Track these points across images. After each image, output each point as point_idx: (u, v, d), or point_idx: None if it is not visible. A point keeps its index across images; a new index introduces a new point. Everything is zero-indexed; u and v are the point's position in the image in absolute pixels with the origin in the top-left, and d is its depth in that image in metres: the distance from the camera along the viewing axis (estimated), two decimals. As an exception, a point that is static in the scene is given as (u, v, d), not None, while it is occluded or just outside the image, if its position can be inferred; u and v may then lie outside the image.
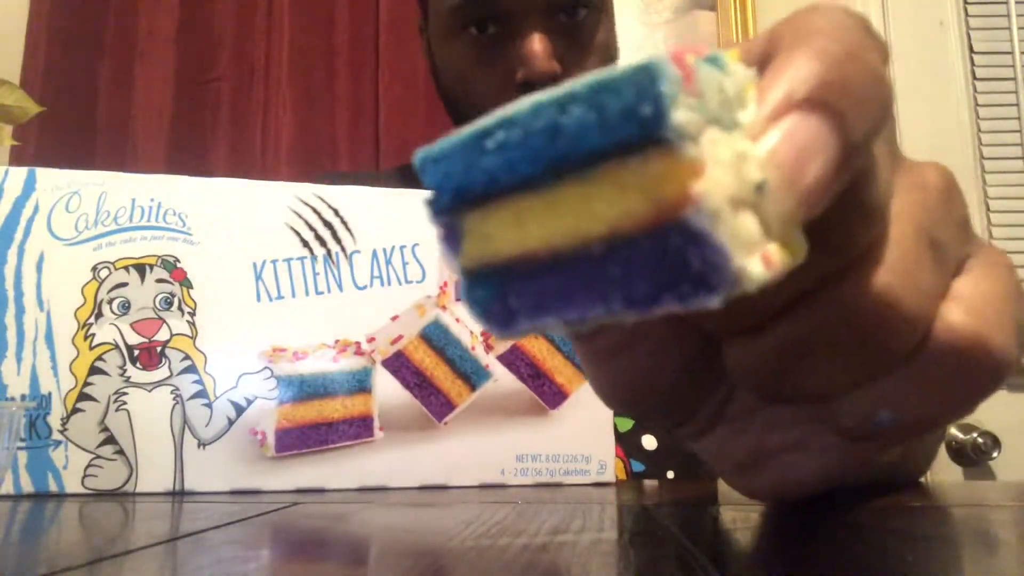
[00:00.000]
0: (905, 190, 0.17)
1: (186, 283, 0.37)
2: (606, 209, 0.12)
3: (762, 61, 0.15)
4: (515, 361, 0.39)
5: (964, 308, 0.16)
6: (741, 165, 0.12)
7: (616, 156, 0.12)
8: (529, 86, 0.58)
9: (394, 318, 0.38)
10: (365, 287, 0.38)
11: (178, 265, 0.37)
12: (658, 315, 0.12)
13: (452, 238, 0.14)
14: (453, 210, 0.14)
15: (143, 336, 0.36)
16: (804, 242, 0.13)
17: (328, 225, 0.38)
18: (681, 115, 0.12)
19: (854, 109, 0.14)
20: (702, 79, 0.12)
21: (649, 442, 0.57)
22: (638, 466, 0.56)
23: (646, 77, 0.12)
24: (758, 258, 0.12)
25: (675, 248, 0.12)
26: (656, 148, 0.12)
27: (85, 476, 0.34)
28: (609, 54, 0.66)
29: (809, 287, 0.16)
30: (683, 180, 0.12)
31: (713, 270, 0.12)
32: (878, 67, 0.15)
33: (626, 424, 0.56)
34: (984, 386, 0.17)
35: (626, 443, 0.56)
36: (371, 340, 0.38)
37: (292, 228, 0.38)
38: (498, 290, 0.14)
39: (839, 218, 0.15)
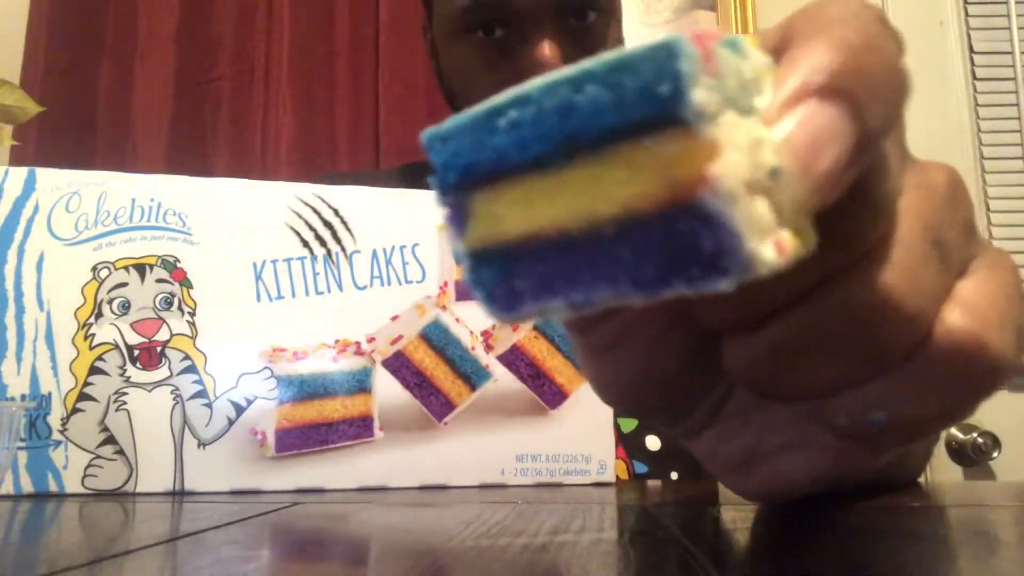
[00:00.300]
0: (912, 189, 0.17)
1: (186, 283, 0.37)
2: (618, 190, 0.12)
3: (777, 50, 0.15)
4: (515, 361, 0.39)
5: (965, 310, 0.16)
6: (757, 150, 0.12)
7: (631, 136, 0.12)
8: None
9: (394, 318, 0.38)
10: (365, 287, 0.38)
11: (178, 265, 0.37)
12: (666, 298, 0.12)
13: (458, 218, 0.14)
14: (460, 190, 0.14)
15: (143, 336, 0.36)
16: (814, 233, 0.13)
17: (328, 225, 0.38)
18: (700, 95, 0.11)
19: (871, 98, 0.14)
20: (721, 60, 0.12)
21: (653, 443, 0.57)
22: (641, 467, 0.56)
23: (665, 55, 0.12)
24: (771, 244, 0.12)
25: (688, 230, 0.12)
26: (673, 128, 0.12)
27: (85, 476, 0.34)
28: None
29: (812, 283, 0.15)
30: (699, 161, 0.12)
31: (726, 253, 0.11)
32: (895, 57, 0.15)
33: (629, 425, 0.56)
34: (981, 389, 0.17)
35: (629, 444, 0.56)
36: (371, 340, 0.38)
37: (292, 228, 0.38)
38: (504, 272, 0.14)
39: (848, 212, 0.15)
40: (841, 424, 0.18)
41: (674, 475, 0.56)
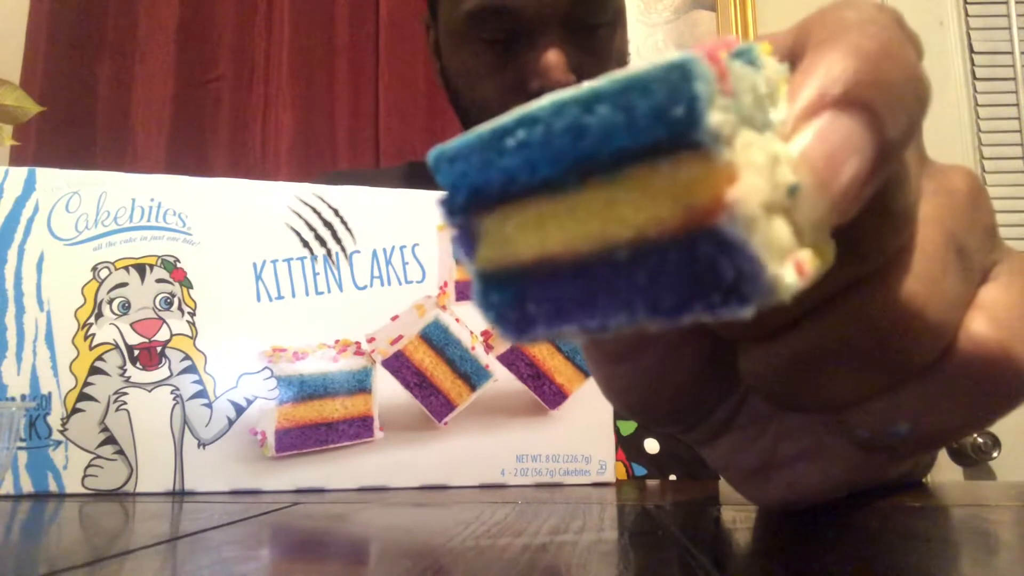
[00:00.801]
0: (932, 194, 0.16)
1: (186, 283, 0.36)
2: (633, 214, 0.12)
3: (792, 56, 0.14)
4: (515, 361, 0.39)
5: (989, 318, 0.16)
6: (774, 168, 0.12)
7: (644, 158, 0.12)
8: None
9: (394, 318, 0.38)
10: (365, 287, 0.38)
11: (178, 265, 0.37)
12: (685, 324, 0.12)
13: (467, 240, 0.14)
14: (469, 211, 0.14)
15: (143, 336, 0.36)
16: (833, 246, 0.13)
17: (328, 225, 0.38)
18: (716, 117, 0.11)
19: (890, 108, 0.13)
20: (735, 77, 0.12)
21: (651, 446, 0.57)
22: (640, 470, 0.56)
23: (679, 75, 0.11)
24: (791, 266, 0.11)
25: (706, 256, 0.11)
26: (688, 151, 0.11)
27: (85, 476, 0.34)
28: (623, 63, 0.66)
29: (830, 294, 0.15)
30: (716, 185, 0.11)
31: (746, 280, 0.11)
32: (914, 64, 0.14)
33: (628, 427, 0.56)
34: (1007, 399, 0.16)
35: (628, 447, 0.56)
36: (371, 340, 0.38)
37: (292, 228, 0.38)
38: (515, 295, 0.13)
39: (868, 223, 0.14)
40: (863, 436, 0.17)
41: (672, 478, 0.56)
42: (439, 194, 0.14)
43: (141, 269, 0.36)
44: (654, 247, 0.12)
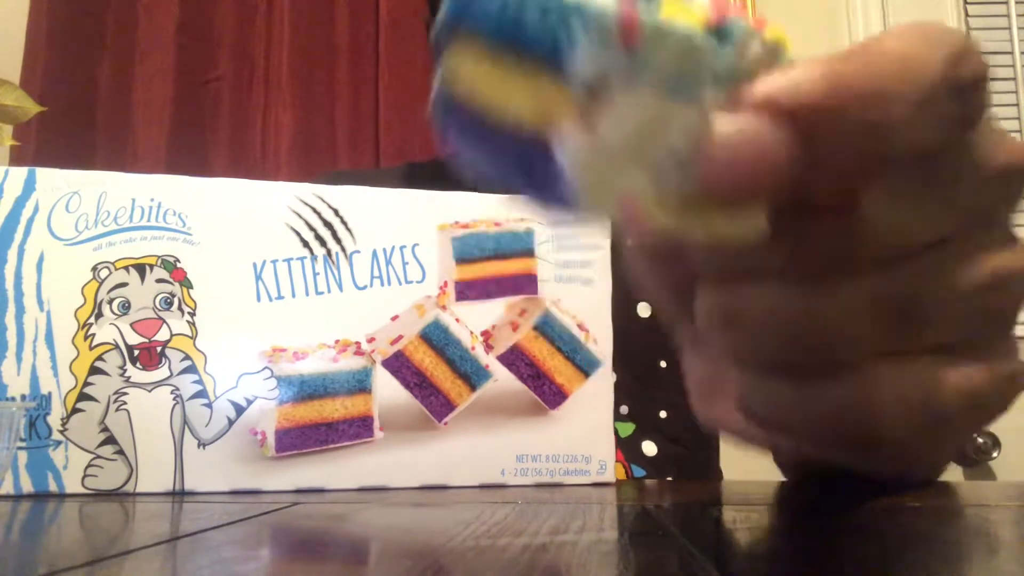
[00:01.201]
0: (964, 280, 0.16)
1: (186, 283, 0.36)
2: (528, 103, 0.14)
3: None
4: (515, 361, 0.39)
5: (904, 396, 0.16)
6: (659, 127, 0.14)
7: (559, 66, 0.14)
8: None
9: (394, 318, 0.38)
10: (365, 287, 0.38)
11: (178, 265, 0.37)
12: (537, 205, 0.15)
13: (441, 52, 0.16)
14: (452, 30, 0.15)
15: (143, 336, 0.36)
16: (757, 223, 0.14)
17: (328, 225, 0.38)
18: (584, 63, 0.13)
19: (832, 140, 0.14)
20: (658, 41, 0.13)
21: (649, 448, 0.57)
22: (639, 471, 0.56)
23: (580, 16, 0.13)
24: (617, 202, 0.14)
25: (554, 162, 0.14)
26: (572, 81, 0.14)
27: (85, 476, 0.34)
28: None
29: (772, 272, 0.16)
30: (575, 115, 0.14)
31: (568, 194, 0.14)
32: (895, 113, 0.14)
33: (627, 430, 0.56)
34: (860, 462, 0.18)
35: (627, 448, 0.56)
36: (371, 340, 0.38)
37: (292, 228, 0.38)
38: (450, 113, 0.16)
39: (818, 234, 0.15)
40: (738, 400, 0.19)
41: (669, 480, 0.56)
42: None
43: (141, 269, 0.36)
44: (535, 136, 0.14)
